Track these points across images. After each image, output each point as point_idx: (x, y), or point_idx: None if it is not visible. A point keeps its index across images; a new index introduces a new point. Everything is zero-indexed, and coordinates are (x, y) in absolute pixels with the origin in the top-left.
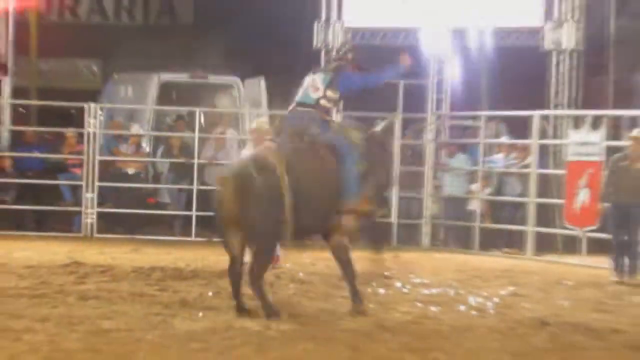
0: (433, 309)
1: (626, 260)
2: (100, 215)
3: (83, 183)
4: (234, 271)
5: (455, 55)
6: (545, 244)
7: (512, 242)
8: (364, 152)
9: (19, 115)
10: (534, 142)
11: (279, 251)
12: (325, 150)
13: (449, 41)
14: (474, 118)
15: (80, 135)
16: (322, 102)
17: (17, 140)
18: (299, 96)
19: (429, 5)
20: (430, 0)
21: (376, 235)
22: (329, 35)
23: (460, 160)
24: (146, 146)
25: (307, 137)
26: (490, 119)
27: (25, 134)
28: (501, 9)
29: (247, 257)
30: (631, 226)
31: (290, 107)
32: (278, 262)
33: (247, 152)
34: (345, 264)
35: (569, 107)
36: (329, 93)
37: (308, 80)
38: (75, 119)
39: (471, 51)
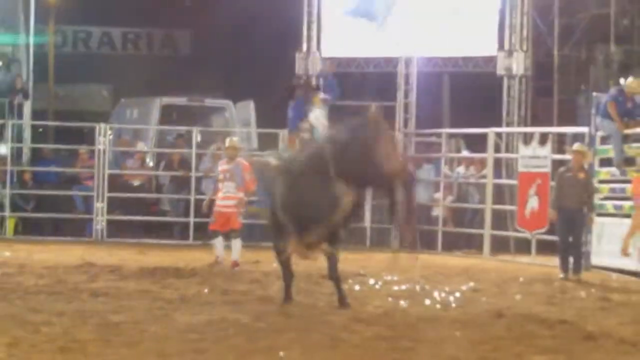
0: (402, 302)
1: (571, 259)
2: (109, 222)
3: (94, 194)
4: None
5: (420, 80)
6: (500, 246)
7: (471, 243)
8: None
9: (38, 135)
10: (489, 155)
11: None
12: None
13: (415, 68)
14: (437, 135)
15: (92, 151)
16: (303, 135)
17: (36, 156)
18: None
19: (397, 36)
20: (399, 32)
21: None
22: (309, 64)
23: (425, 172)
24: (150, 161)
25: None
26: (451, 135)
27: (43, 150)
28: (460, 40)
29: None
30: (575, 229)
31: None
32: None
33: (225, 165)
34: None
35: (519, 125)
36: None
37: (312, 117)
38: (88, 138)
39: (434, 76)
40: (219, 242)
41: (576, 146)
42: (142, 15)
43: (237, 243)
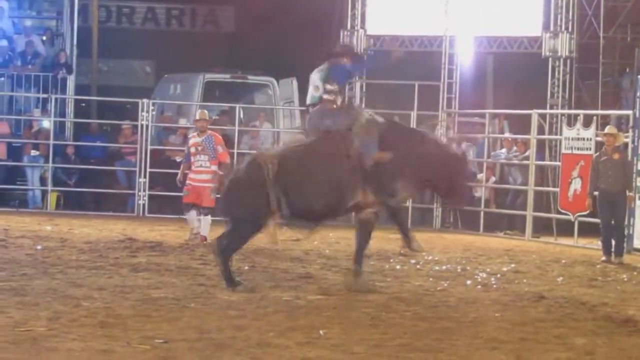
0: (443, 283)
1: (613, 242)
2: (151, 197)
3: (136, 169)
4: None
5: (465, 60)
6: (542, 227)
7: (513, 225)
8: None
9: (81, 109)
10: (532, 137)
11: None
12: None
13: (460, 47)
14: (480, 115)
15: (135, 127)
16: (325, 96)
17: (79, 131)
18: (308, 98)
19: (442, 15)
20: (444, 11)
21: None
22: (354, 41)
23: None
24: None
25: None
26: (494, 116)
27: (86, 125)
28: (506, 20)
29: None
30: (617, 211)
31: (305, 109)
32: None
33: (197, 138)
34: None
35: (563, 107)
36: (328, 87)
37: (310, 81)
38: (131, 113)
39: (478, 56)
40: (192, 215)
41: (607, 129)
42: None
43: (207, 219)
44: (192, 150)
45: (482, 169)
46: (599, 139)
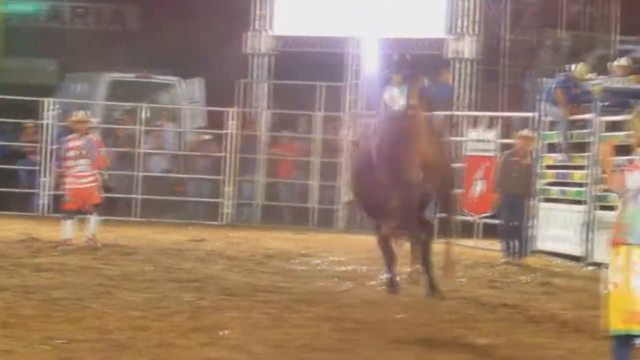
0: (346, 284)
1: (514, 244)
2: (54, 197)
3: (39, 168)
4: None
5: (369, 61)
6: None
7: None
8: None
9: None
10: None
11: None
12: None
13: (365, 48)
14: None
15: (37, 126)
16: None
17: None
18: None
19: (347, 16)
20: (349, 12)
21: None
22: (259, 43)
23: None
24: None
25: None
26: None
27: None
28: (410, 22)
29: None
30: (519, 213)
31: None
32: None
33: (76, 141)
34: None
35: (468, 108)
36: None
37: (387, 96)
38: (34, 112)
39: (383, 58)
40: (70, 224)
41: (523, 132)
42: None
43: (95, 219)
44: (71, 154)
45: None
46: (502, 140)
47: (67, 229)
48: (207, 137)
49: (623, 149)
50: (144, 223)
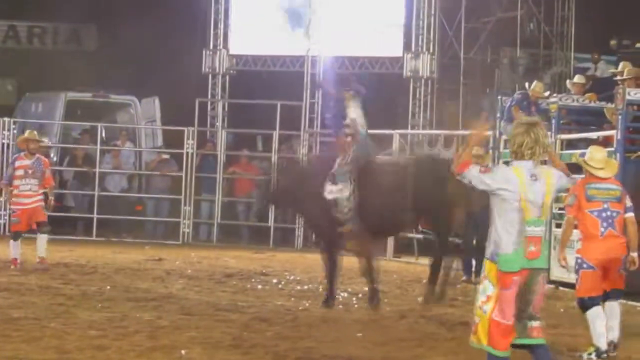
0: (305, 302)
1: (474, 262)
2: (9, 217)
3: None
4: None
5: (326, 80)
6: (403, 247)
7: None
8: None
9: None
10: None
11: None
12: None
13: (321, 67)
14: None
15: None
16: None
17: None
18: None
19: (305, 35)
20: (306, 31)
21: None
22: (216, 61)
23: None
24: (54, 156)
25: None
26: None
27: None
28: (367, 41)
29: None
30: (479, 231)
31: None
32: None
33: (26, 160)
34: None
35: (425, 127)
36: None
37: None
38: None
39: (341, 76)
40: (17, 244)
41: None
42: (47, 10)
43: (43, 238)
44: (20, 172)
45: None
46: None
47: (14, 249)
48: (165, 156)
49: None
50: (102, 242)
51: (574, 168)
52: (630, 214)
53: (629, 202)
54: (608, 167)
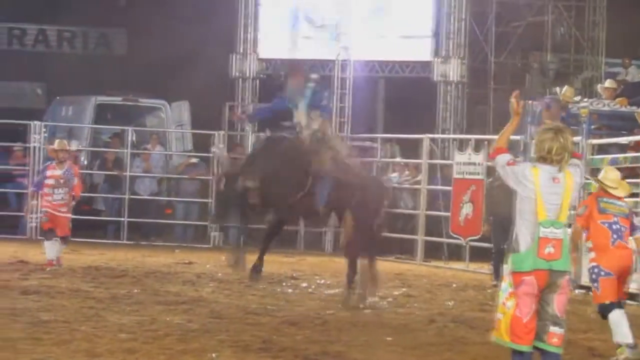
0: (334, 306)
1: (504, 266)
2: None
3: (28, 191)
4: None
5: (356, 84)
6: (433, 251)
7: (405, 249)
8: None
9: None
10: (423, 161)
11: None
12: None
13: (351, 71)
14: (372, 140)
15: (26, 149)
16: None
17: None
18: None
19: (334, 39)
20: (335, 36)
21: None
22: (245, 66)
23: None
24: (84, 160)
25: None
26: (386, 140)
27: None
28: (397, 45)
29: None
30: (509, 236)
31: None
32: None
33: (56, 170)
34: None
35: (455, 131)
36: None
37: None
38: (22, 135)
39: (370, 81)
40: (51, 245)
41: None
42: (77, 14)
43: (61, 247)
44: (51, 182)
45: None
46: (489, 163)
47: (49, 249)
48: (193, 160)
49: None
50: (132, 246)
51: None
52: (638, 234)
53: (637, 222)
54: (621, 187)
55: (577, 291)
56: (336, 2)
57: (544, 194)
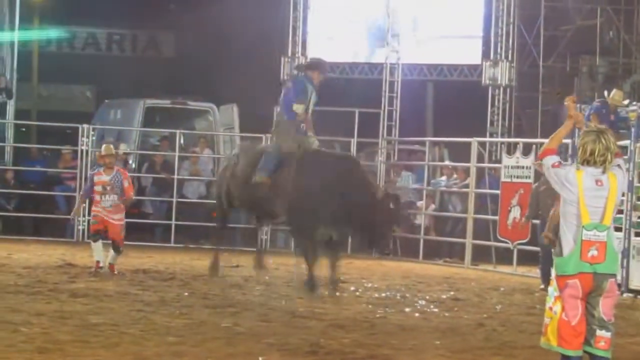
0: (382, 310)
1: (552, 270)
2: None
3: (76, 194)
4: None
5: (404, 87)
6: (481, 255)
7: (453, 252)
8: None
9: (21, 134)
10: (472, 165)
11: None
12: None
13: (400, 74)
14: (421, 143)
15: (75, 152)
16: None
17: (19, 156)
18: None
19: (383, 42)
20: (384, 39)
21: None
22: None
23: (405, 179)
24: (132, 163)
25: None
26: (434, 144)
27: (26, 150)
28: (446, 48)
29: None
30: (556, 240)
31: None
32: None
33: (104, 176)
34: None
35: (503, 135)
36: None
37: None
38: (71, 138)
39: (419, 84)
40: (98, 247)
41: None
42: (126, 17)
43: (115, 253)
44: (99, 188)
45: (422, 196)
46: (535, 167)
47: (97, 251)
48: None
49: None
50: (181, 249)
51: None
52: None
53: None
54: None
55: (625, 295)
56: (385, 5)
57: (587, 197)
